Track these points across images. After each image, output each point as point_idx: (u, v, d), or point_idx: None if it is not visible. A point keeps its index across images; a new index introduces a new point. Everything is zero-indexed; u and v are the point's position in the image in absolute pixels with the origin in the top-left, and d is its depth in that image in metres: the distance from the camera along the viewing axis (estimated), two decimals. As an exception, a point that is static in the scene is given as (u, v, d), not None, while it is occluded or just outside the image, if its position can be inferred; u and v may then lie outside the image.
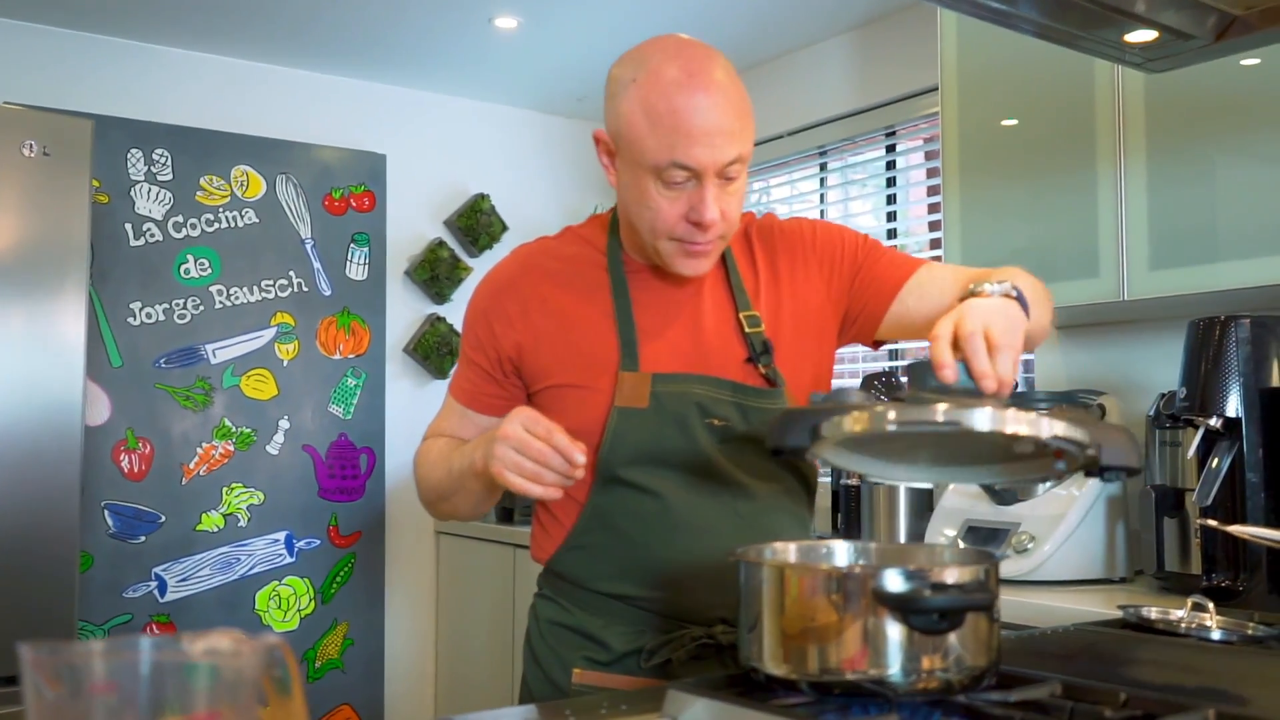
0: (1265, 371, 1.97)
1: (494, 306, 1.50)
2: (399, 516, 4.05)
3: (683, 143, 1.30)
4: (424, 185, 4.14)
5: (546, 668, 1.48)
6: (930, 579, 1.02)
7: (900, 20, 3.34)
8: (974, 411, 1.02)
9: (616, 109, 1.36)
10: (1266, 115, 2.04)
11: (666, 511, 1.41)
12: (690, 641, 1.40)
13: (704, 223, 1.34)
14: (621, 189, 1.41)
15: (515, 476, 1.26)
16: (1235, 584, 1.96)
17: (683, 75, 1.32)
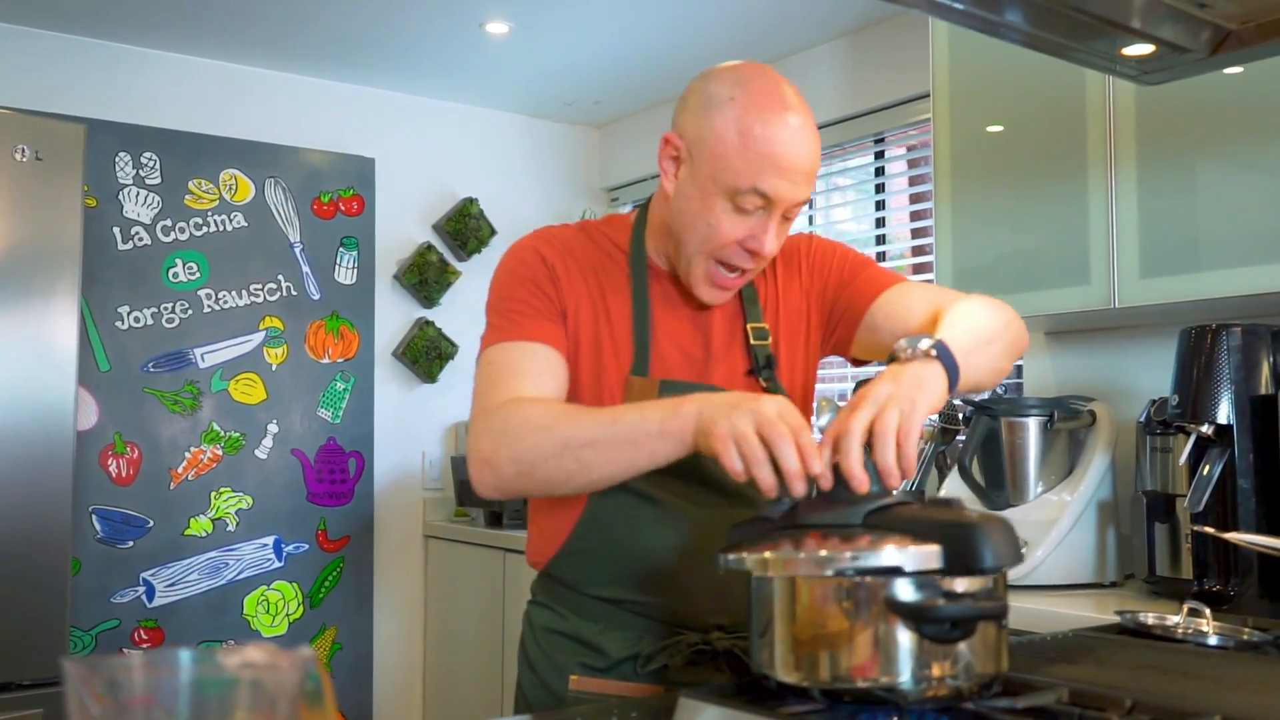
0: (1256, 379, 2.00)
1: (554, 260, 1.44)
2: (387, 521, 4.04)
3: (769, 172, 1.32)
4: (413, 189, 4.13)
5: (543, 675, 1.48)
6: (942, 587, 1.03)
7: (890, 27, 3.36)
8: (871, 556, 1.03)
9: (706, 120, 1.35)
10: (1253, 125, 2.07)
11: (665, 518, 1.42)
12: (687, 647, 1.42)
13: (761, 253, 1.37)
14: (680, 197, 1.40)
15: (734, 454, 1.13)
16: (1226, 589, 1.98)
17: (783, 108, 1.35)
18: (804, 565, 1.06)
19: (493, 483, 1.31)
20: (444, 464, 4.18)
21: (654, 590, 1.42)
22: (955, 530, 1.02)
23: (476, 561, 3.82)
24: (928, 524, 1.04)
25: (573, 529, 1.45)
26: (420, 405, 4.15)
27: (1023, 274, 2.44)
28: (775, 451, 1.12)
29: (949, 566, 1.02)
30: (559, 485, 1.30)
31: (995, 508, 2.35)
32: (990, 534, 1.01)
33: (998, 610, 0.99)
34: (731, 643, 1.44)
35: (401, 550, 4.09)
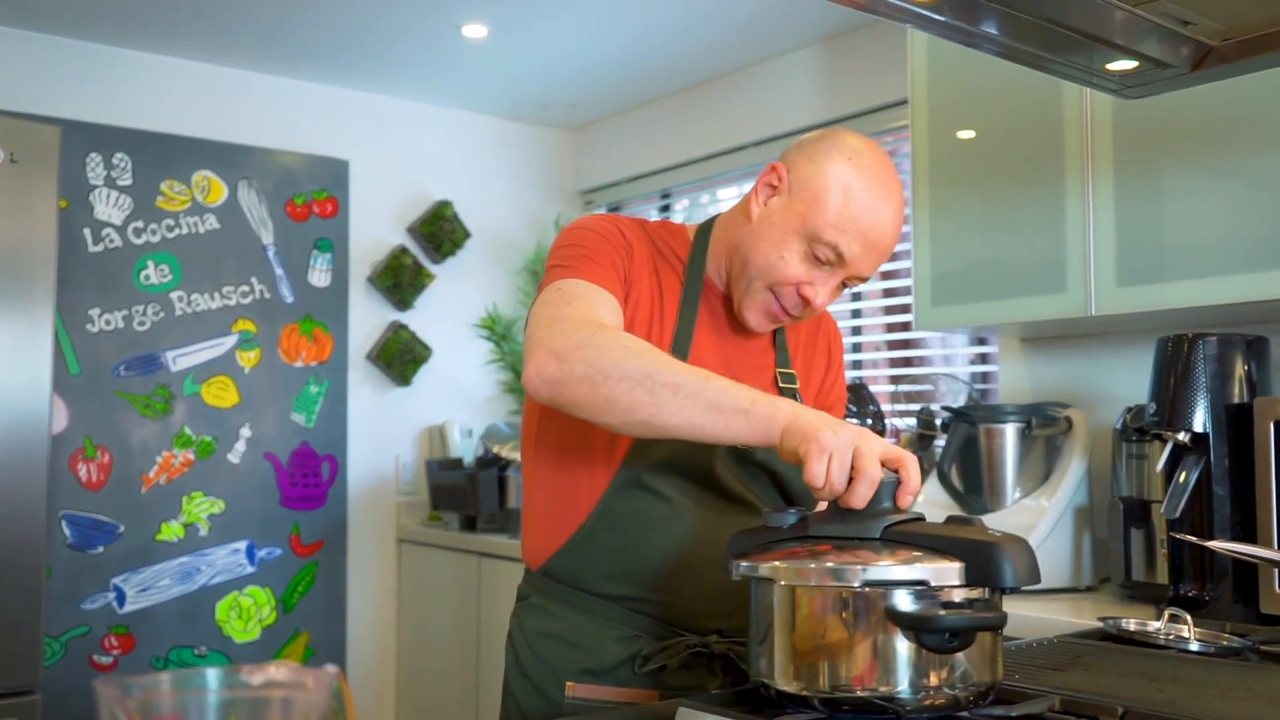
0: (1231, 388, 2.03)
1: (633, 240, 1.47)
2: (361, 525, 4.02)
3: (855, 236, 1.39)
4: (387, 191, 4.12)
5: (538, 681, 1.48)
6: (940, 598, 1.04)
7: (868, 34, 3.38)
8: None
9: (820, 168, 1.41)
10: (1227, 136, 2.10)
11: (675, 517, 1.44)
12: (685, 649, 1.43)
13: (813, 302, 1.43)
14: (763, 223, 1.44)
15: (823, 468, 1.12)
16: (1201, 594, 2.02)
17: (890, 190, 1.42)
18: (835, 576, 1.07)
19: (553, 375, 1.26)
20: (418, 467, 4.17)
21: (658, 589, 1.44)
22: (978, 548, 1.04)
23: (450, 566, 3.81)
24: (950, 541, 1.05)
25: (583, 523, 1.46)
26: (394, 408, 4.14)
27: (999, 281, 2.47)
28: (852, 488, 1.12)
29: (971, 583, 1.04)
30: (614, 410, 1.23)
31: (973, 513, 2.38)
32: (1012, 553, 1.03)
33: (997, 621, 1.00)
34: (728, 647, 1.45)
35: (375, 555, 4.07)
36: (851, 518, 1.14)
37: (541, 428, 1.51)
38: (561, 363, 1.25)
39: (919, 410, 2.69)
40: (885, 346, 3.52)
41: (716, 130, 3.93)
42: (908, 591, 1.05)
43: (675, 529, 1.44)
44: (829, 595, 1.09)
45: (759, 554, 1.16)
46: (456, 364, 4.26)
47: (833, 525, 1.15)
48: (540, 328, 1.31)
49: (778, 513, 1.21)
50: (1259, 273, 2.04)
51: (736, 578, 1.16)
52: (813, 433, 1.13)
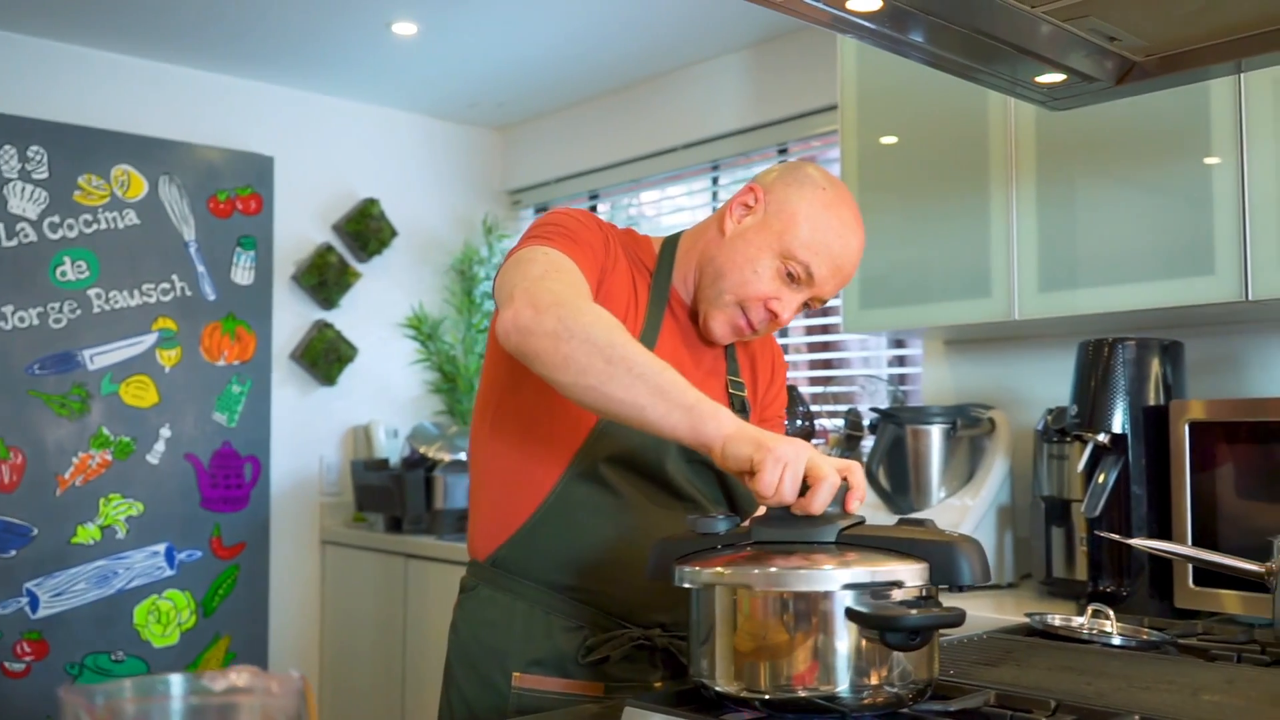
0: (1148, 390, 2.11)
1: (611, 238, 1.53)
2: (284, 527, 3.97)
3: (823, 259, 1.49)
4: (312, 189, 4.06)
5: (483, 670, 1.49)
6: (892, 597, 1.07)
7: (797, 40, 3.43)
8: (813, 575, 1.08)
9: (797, 190, 1.51)
10: (1142, 148, 2.18)
11: (625, 511, 1.46)
12: (628, 642, 1.46)
13: (779, 316, 1.51)
14: (737, 239, 1.52)
15: (776, 479, 1.14)
16: (1119, 589, 2.09)
17: (857, 225, 1.53)
18: (809, 581, 1.08)
19: (526, 323, 1.28)
20: (343, 468, 4.12)
21: (604, 581, 1.46)
22: (937, 549, 1.07)
23: (376, 568, 3.78)
24: (909, 542, 1.08)
25: (534, 513, 1.47)
26: (318, 408, 4.09)
27: (925, 285, 2.52)
28: (813, 493, 1.14)
29: (934, 582, 1.07)
30: (569, 368, 1.25)
31: (900, 512, 2.43)
32: (969, 553, 1.06)
33: (956, 618, 1.03)
34: (669, 641, 1.49)
35: (298, 557, 4.02)
36: (799, 523, 1.16)
37: (502, 408, 1.51)
38: (537, 313, 1.28)
39: (847, 411, 2.73)
40: (806, 349, 3.57)
41: (645, 132, 3.95)
42: (861, 593, 1.07)
43: (624, 522, 1.46)
44: (770, 598, 1.10)
45: (710, 559, 1.17)
46: (382, 364, 4.22)
47: (782, 530, 1.16)
48: (528, 279, 1.34)
49: (707, 519, 1.21)
50: (1172, 280, 2.11)
51: (687, 584, 1.17)
52: (767, 442, 1.15)
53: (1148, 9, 1.45)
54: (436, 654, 3.45)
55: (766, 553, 1.15)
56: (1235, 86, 2.05)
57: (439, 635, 3.43)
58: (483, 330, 4.29)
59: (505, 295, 1.34)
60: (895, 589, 1.06)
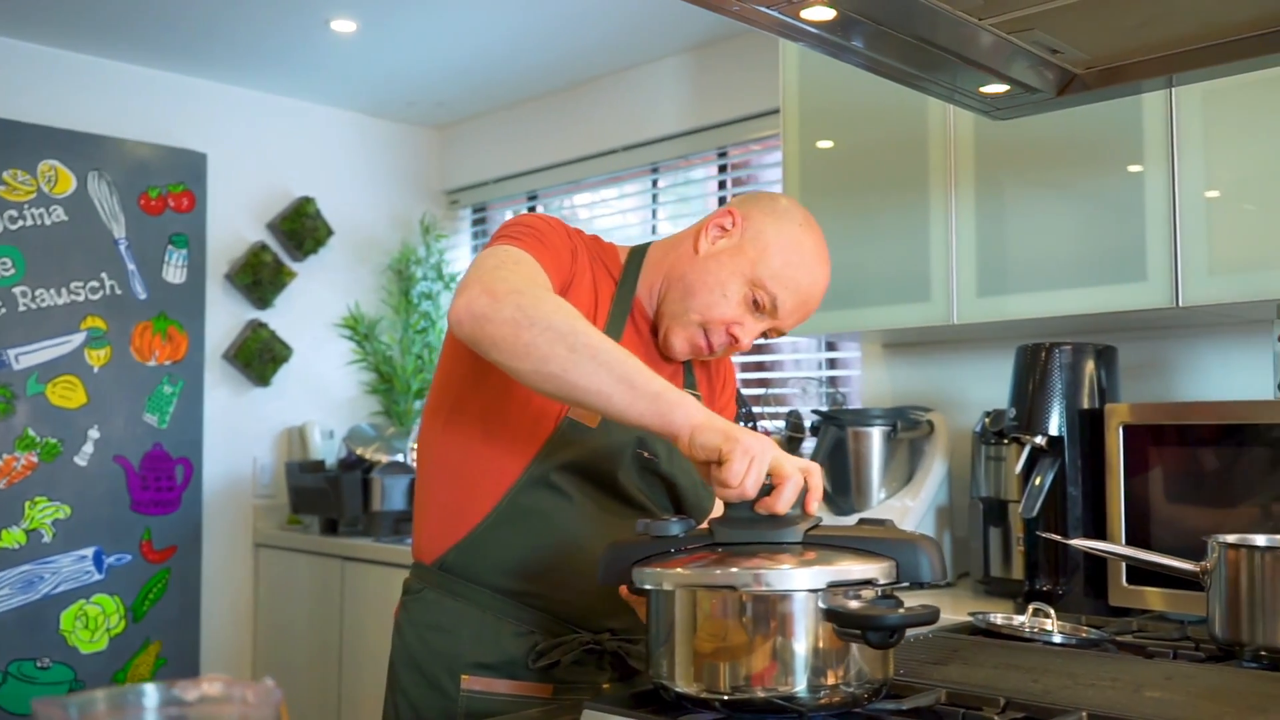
0: (1084, 394, 2.16)
1: (579, 247, 1.53)
2: (217, 529, 3.90)
3: (791, 292, 1.51)
4: (247, 186, 4.00)
5: (431, 673, 1.48)
6: (863, 596, 1.09)
7: (739, 43, 3.45)
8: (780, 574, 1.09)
9: (774, 221, 1.53)
10: (1082, 156, 2.23)
11: (577, 517, 1.46)
12: (578, 646, 1.46)
13: (739, 341, 1.52)
14: (710, 259, 1.53)
15: (743, 470, 1.13)
16: (1055, 588, 2.14)
17: (825, 262, 1.55)
18: (791, 581, 1.08)
19: (482, 311, 1.25)
20: (277, 470, 4.06)
21: (555, 586, 1.46)
22: (900, 548, 1.09)
23: (311, 571, 3.73)
24: (874, 542, 1.10)
25: (486, 516, 1.46)
26: (252, 409, 4.03)
27: (865, 289, 2.56)
28: (778, 492, 1.15)
29: (897, 580, 1.09)
30: (530, 356, 1.23)
31: (841, 513, 2.46)
32: (929, 551, 1.08)
33: (932, 616, 1.05)
34: (618, 645, 1.49)
35: (231, 560, 3.95)
36: (762, 524, 1.17)
37: (459, 408, 1.50)
38: (494, 300, 1.25)
39: (788, 413, 2.76)
40: (748, 350, 3.59)
41: (585, 134, 3.95)
42: (834, 593, 1.09)
43: (575, 528, 1.46)
44: (729, 598, 1.11)
45: (670, 561, 1.17)
46: (318, 364, 4.17)
47: (743, 531, 1.17)
48: (483, 270, 1.32)
49: (660, 522, 1.21)
50: (1105, 286, 2.17)
51: (649, 586, 1.17)
52: (736, 435, 1.16)
53: (1090, 23, 1.49)
54: (374, 658, 3.42)
55: (732, 554, 1.16)
56: (1166, 99, 2.11)
57: (377, 639, 3.41)
58: (420, 330, 4.26)
59: (461, 285, 1.32)
60: (867, 588, 1.08)
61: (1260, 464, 1.86)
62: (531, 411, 1.44)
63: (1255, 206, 2.01)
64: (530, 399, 1.43)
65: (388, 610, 3.45)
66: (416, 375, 4.21)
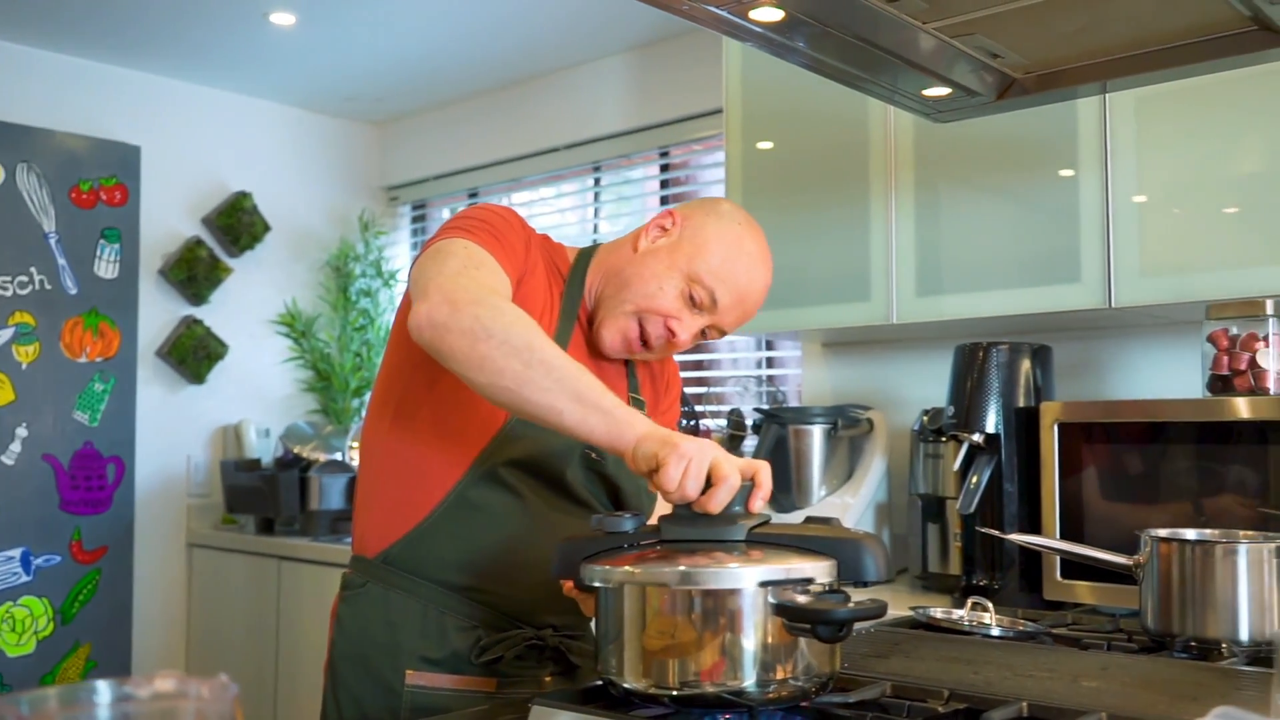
0: (1020, 392, 2.20)
1: (532, 241, 1.53)
2: (149, 529, 3.83)
3: (729, 288, 1.51)
4: (182, 180, 3.94)
5: (375, 668, 1.47)
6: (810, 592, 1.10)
7: (682, 43, 3.47)
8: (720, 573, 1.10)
9: (715, 222, 1.54)
10: (1019, 160, 2.28)
11: (523, 513, 1.47)
12: (521, 641, 1.47)
13: (677, 337, 1.51)
14: (649, 255, 1.53)
15: (679, 473, 1.14)
16: (991, 583, 2.18)
17: (764, 262, 1.56)
18: (726, 579, 1.09)
19: (442, 320, 1.26)
20: (211, 468, 4.00)
21: (500, 581, 1.46)
22: (844, 546, 1.10)
23: (246, 571, 3.68)
24: (817, 540, 1.11)
25: (432, 511, 1.46)
26: (186, 407, 3.96)
27: (806, 289, 2.58)
28: (712, 492, 1.15)
29: (840, 578, 1.10)
30: (485, 369, 1.24)
31: (782, 510, 2.49)
32: (874, 550, 1.09)
33: (880, 610, 1.07)
34: (560, 640, 1.50)
35: (164, 560, 3.89)
36: (708, 522, 1.18)
37: (408, 402, 1.49)
38: (454, 310, 1.26)
39: (730, 411, 2.78)
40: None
41: (527, 132, 3.94)
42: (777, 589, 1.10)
43: (521, 524, 1.46)
44: (678, 594, 1.12)
45: (619, 558, 1.18)
46: (254, 361, 4.12)
47: (689, 529, 1.18)
48: (444, 274, 1.31)
49: (614, 517, 1.23)
50: (1041, 287, 2.21)
51: (598, 583, 1.17)
52: (673, 440, 1.17)
53: (1030, 29, 1.52)
54: (311, 658, 3.38)
55: (676, 551, 1.17)
56: (1101, 105, 2.16)
57: (315, 639, 3.37)
58: (359, 328, 4.22)
59: (421, 288, 1.31)
60: (807, 586, 1.09)
61: (1188, 460, 1.92)
62: (481, 406, 1.44)
63: (1185, 211, 2.07)
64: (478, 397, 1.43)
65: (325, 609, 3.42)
66: (355, 373, 4.17)
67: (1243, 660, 1.39)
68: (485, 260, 1.38)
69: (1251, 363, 1.95)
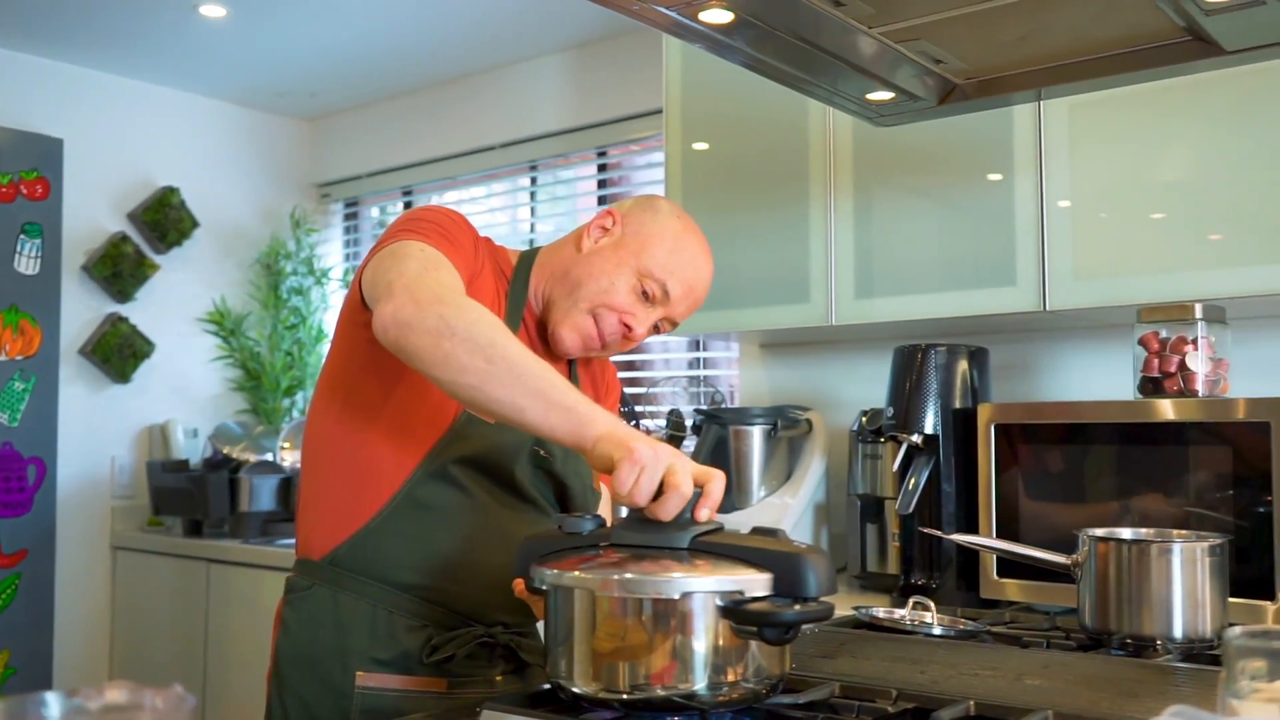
0: (957, 393, 2.23)
1: (481, 245, 1.55)
2: (71, 532, 3.73)
3: (679, 279, 1.54)
4: (107, 174, 3.84)
5: (324, 671, 1.45)
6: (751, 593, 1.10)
7: (622, 43, 3.46)
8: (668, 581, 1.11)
9: (653, 218, 1.57)
10: (956, 164, 2.31)
11: (472, 510, 1.46)
12: (472, 640, 1.46)
13: (630, 337, 1.55)
14: (595, 254, 1.55)
15: (633, 476, 1.14)
16: (929, 582, 2.20)
17: (706, 252, 1.60)
18: (653, 588, 1.10)
19: (407, 319, 1.26)
20: (137, 469, 3.90)
21: (449, 579, 1.45)
22: (784, 560, 1.10)
23: (173, 574, 3.60)
24: (756, 552, 1.10)
25: (379, 510, 1.45)
26: (110, 407, 3.86)
27: (745, 290, 2.59)
28: (663, 500, 1.15)
29: (778, 593, 1.09)
30: (449, 366, 1.24)
31: (721, 511, 2.49)
32: (816, 565, 1.09)
33: (826, 612, 1.07)
34: (510, 637, 1.50)
35: (87, 564, 3.79)
36: (657, 527, 1.18)
37: (354, 399, 1.48)
38: (418, 309, 1.26)
39: (669, 412, 2.78)
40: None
41: (463, 130, 3.90)
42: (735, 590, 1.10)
43: (470, 522, 1.46)
44: (647, 604, 1.11)
45: (565, 561, 1.17)
46: (181, 360, 4.03)
47: (638, 534, 1.18)
48: (407, 275, 1.32)
49: (575, 518, 1.23)
50: (978, 290, 2.24)
51: (544, 586, 1.17)
52: (630, 444, 1.16)
53: (974, 35, 1.54)
54: (243, 663, 3.32)
55: (620, 557, 1.17)
56: (1035, 111, 2.20)
57: (245, 644, 3.32)
58: (290, 326, 4.15)
59: (384, 289, 1.31)
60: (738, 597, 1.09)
61: (1121, 461, 1.96)
62: (430, 403, 1.43)
63: (1116, 216, 2.11)
64: (428, 390, 1.42)
65: (256, 613, 3.36)
66: (286, 372, 4.10)
67: (1177, 657, 1.42)
68: (442, 261, 1.38)
69: (1181, 365, 1.99)
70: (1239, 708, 0.81)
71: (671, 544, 1.16)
